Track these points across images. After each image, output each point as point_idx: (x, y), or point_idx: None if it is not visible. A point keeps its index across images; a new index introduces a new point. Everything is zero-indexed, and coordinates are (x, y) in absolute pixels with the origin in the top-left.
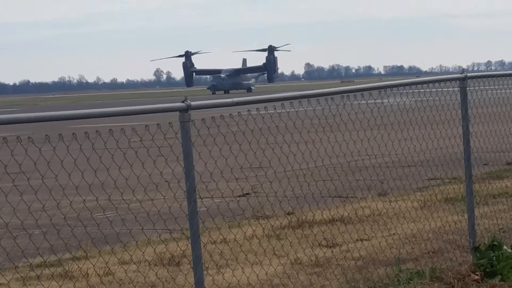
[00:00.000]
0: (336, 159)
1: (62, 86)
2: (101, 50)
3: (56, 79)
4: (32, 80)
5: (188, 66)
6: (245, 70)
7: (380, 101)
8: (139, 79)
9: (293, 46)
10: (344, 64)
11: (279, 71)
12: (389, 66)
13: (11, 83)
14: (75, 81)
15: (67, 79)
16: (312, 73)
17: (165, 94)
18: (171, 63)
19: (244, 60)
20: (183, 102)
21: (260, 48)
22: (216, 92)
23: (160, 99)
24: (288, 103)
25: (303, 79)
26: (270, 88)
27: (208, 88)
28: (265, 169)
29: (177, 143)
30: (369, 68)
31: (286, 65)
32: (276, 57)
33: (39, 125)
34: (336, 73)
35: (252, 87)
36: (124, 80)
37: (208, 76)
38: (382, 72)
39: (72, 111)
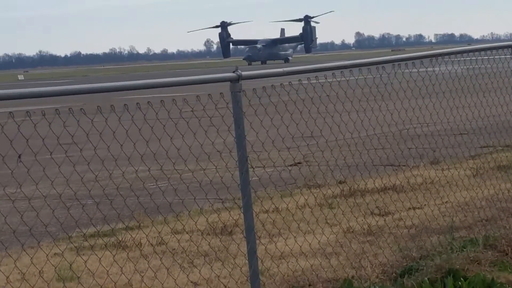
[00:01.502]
0: (388, 127)
1: (113, 57)
2: (152, 21)
3: (107, 51)
4: (83, 52)
5: (224, 36)
6: (282, 40)
7: (431, 69)
8: (189, 50)
9: (342, 15)
10: (394, 32)
11: (318, 41)
12: (440, 34)
13: (62, 55)
14: (126, 52)
15: (117, 50)
16: (363, 42)
17: (202, 65)
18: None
19: (282, 30)
20: (234, 72)
21: (297, 18)
22: (253, 63)
23: (208, 69)
24: (339, 72)
25: (353, 48)
26: (308, 58)
27: (244, 59)
28: (317, 139)
29: (228, 113)
30: (420, 36)
31: (336, 34)
32: (314, 27)
33: (91, 97)
34: (386, 42)
35: (290, 58)
36: (174, 51)
37: (245, 47)
38: (433, 40)
39: (123, 82)
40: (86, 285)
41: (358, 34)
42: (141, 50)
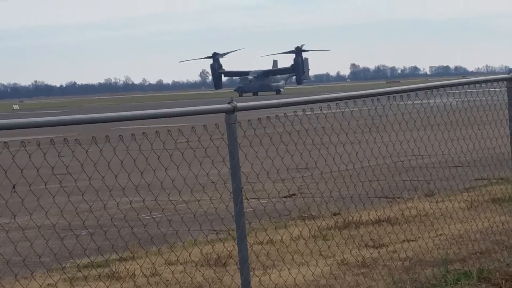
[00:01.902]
0: (383, 159)
1: (108, 88)
2: (147, 52)
3: (102, 81)
4: (79, 82)
5: (216, 68)
6: (273, 71)
7: (426, 101)
8: (184, 80)
9: (338, 47)
10: (389, 64)
11: (313, 72)
12: (435, 67)
13: (58, 85)
14: (121, 82)
15: (113, 80)
16: (358, 74)
17: (194, 96)
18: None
19: (275, 62)
20: (229, 103)
21: (288, 50)
22: (244, 94)
23: (199, 100)
24: (334, 104)
25: (349, 80)
26: (299, 89)
27: (234, 90)
28: (311, 170)
29: (223, 144)
30: (415, 68)
31: (332, 66)
32: (307, 58)
33: (86, 127)
34: (381, 74)
35: (282, 89)
36: (169, 82)
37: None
38: (428, 72)
39: (118, 113)
40: None
41: (353, 65)
42: (136, 80)
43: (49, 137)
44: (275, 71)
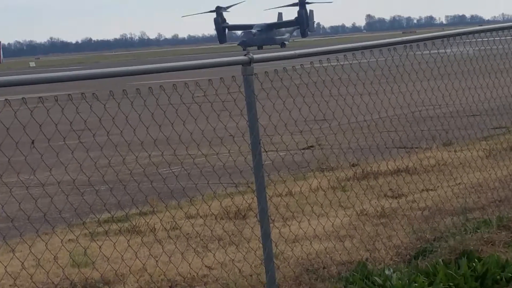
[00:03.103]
0: (400, 109)
1: (123, 43)
2: (162, 6)
3: (117, 36)
4: (94, 38)
5: (219, 22)
6: (277, 24)
7: (443, 50)
8: (200, 35)
9: None
10: (405, 15)
11: (328, 23)
12: (450, 16)
13: (74, 41)
14: (137, 38)
15: (128, 36)
16: (373, 25)
17: (204, 51)
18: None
19: (280, 15)
20: (245, 55)
21: (292, 3)
22: (248, 48)
23: (212, 54)
24: (351, 54)
25: (364, 31)
26: (304, 42)
27: (238, 44)
28: (329, 121)
29: (241, 97)
30: (431, 18)
31: (347, 16)
32: (312, 10)
33: (103, 82)
34: (397, 24)
35: (286, 42)
36: (185, 36)
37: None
38: (444, 22)
39: (135, 67)
40: (101, 270)
41: (369, 16)
42: (152, 35)
43: (66, 93)
44: (279, 24)
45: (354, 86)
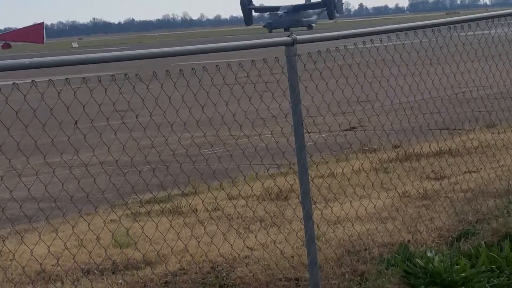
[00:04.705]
0: (443, 91)
1: (166, 24)
2: None
3: (160, 17)
4: (137, 18)
5: (245, 3)
6: (304, 6)
7: (487, 31)
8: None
9: None
10: None
11: (371, 4)
12: None
13: (116, 22)
14: (179, 18)
15: (171, 16)
16: (416, 6)
17: (236, 32)
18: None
19: None
20: (288, 36)
21: None
22: (273, 31)
23: (251, 35)
24: (395, 35)
25: (407, 12)
26: (330, 25)
27: (264, 26)
28: (372, 103)
29: (283, 78)
30: None
31: None
32: None
33: (146, 63)
34: (441, 5)
35: (313, 24)
36: (228, 17)
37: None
38: (488, 2)
39: (178, 47)
40: (143, 251)
41: None
42: (195, 16)
43: (109, 73)
44: (306, 6)
45: (397, 68)
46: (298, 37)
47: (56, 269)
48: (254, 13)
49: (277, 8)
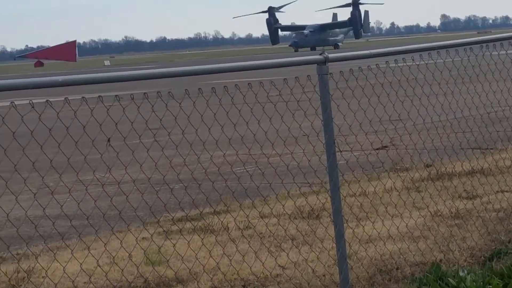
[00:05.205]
0: (476, 109)
1: (197, 42)
2: (237, 5)
3: (192, 35)
4: (168, 37)
5: (272, 22)
6: (330, 25)
7: None
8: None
9: None
10: (480, 14)
11: (403, 23)
12: None
13: (148, 40)
14: (211, 37)
15: (202, 35)
16: (448, 25)
17: (266, 51)
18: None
19: (335, 15)
20: (320, 54)
21: (345, 3)
22: (299, 50)
23: (281, 54)
24: (427, 54)
25: (439, 31)
26: (356, 44)
27: (290, 45)
28: (404, 121)
29: (315, 97)
30: (506, 18)
31: (421, 16)
32: (367, 11)
33: (178, 81)
34: (472, 24)
35: (340, 43)
36: (259, 35)
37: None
38: None
39: (210, 65)
40: (175, 269)
41: (443, 16)
42: (226, 34)
43: (142, 91)
44: (332, 25)
45: (429, 86)
46: (330, 55)
47: (88, 287)
48: (280, 32)
49: (303, 27)
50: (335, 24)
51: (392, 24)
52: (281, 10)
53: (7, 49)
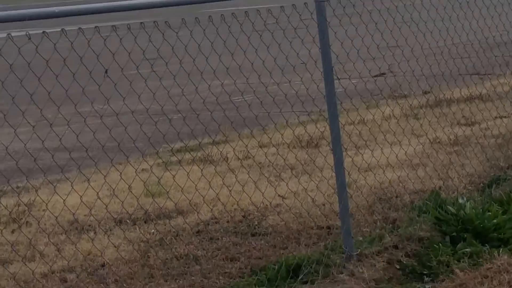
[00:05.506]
0: (473, 35)
1: None
2: None
3: None
4: None
5: None
6: None
7: None
8: None
9: None
10: None
11: None
12: None
13: None
14: None
15: None
16: None
17: None
18: None
19: None
20: None
21: None
22: None
23: None
24: None
25: None
26: None
27: None
28: (402, 48)
29: (313, 24)
30: None
31: None
32: None
33: (174, 10)
34: None
35: None
36: None
37: None
38: None
39: None
40: (174, 200)
41: None
42: None
43: (138, 21)
44: None
45: (427, 12)
46: None
47: (88, 219)
48: None
49: None
50: None
51: None
52: None
53: None
